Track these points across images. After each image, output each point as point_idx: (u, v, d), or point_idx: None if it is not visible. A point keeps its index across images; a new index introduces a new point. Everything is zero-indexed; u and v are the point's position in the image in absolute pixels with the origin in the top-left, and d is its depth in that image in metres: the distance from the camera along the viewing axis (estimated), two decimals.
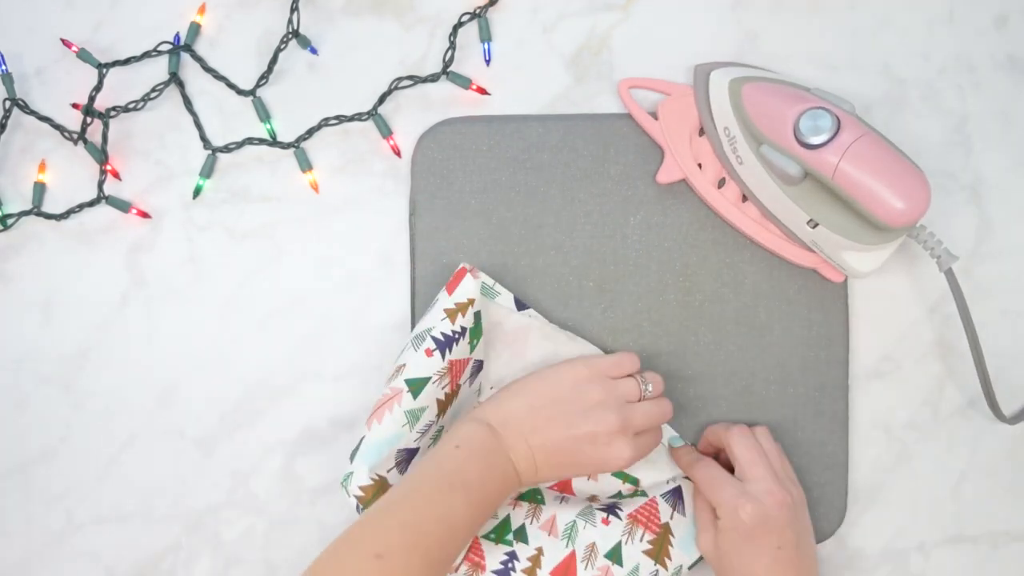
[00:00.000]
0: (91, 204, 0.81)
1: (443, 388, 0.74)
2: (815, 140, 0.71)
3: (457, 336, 0.74)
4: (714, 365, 0.80)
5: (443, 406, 0.75)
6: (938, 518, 0.81)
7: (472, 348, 0.76)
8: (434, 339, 0.74)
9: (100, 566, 0.82)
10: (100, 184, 0.81)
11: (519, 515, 0.77)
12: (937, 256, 0.74)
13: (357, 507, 0.73)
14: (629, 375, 0.75)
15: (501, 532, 0.76)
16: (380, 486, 0.72)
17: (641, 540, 0.75)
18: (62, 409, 0.82)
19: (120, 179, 0.82)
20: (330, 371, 0.81)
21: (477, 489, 0.70)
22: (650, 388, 0.75)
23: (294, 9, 0.81)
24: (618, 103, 0.81)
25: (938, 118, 0.81)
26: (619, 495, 0.79)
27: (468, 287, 0.75)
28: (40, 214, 0.81)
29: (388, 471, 0.73)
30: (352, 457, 0.73)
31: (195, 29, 0.81)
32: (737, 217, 0.79)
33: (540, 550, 0.75)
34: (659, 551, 0.76)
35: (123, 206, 0.81)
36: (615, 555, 0.75)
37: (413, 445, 0.74)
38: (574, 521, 0.76)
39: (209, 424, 0.81)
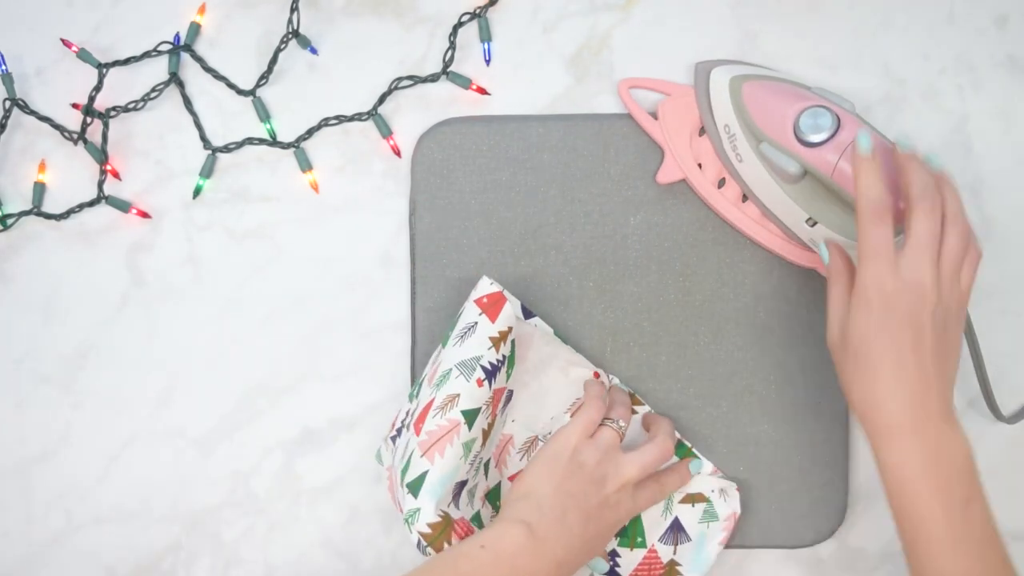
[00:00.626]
0: (91, 204, 0.81)
1: (487, 418, 0.73)
2: (815, 138, 0.71)
3: (500, 364, 0.73)
4: (714, 365, 0.80)
5: (485, 436, 0.74)
6: None
7: (508, 377, 0.75)
8: (483, 368, 0.72)
9: (100, 566, 0.82)
10: (100, 184, 0.81)
11: None
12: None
13: (419, 543, 0.70)
14: (601, 424, 0.74)
15: None
16: (446, 522, 0.70)
17: None
18: (62, 409, 0.82)
19: (120, 179, 0.82)
20: (330, 371, 0.81)
21: None
22: (621, 424, 0.74)
23: (294, 9, 0.81)
24: (618, 103, 0.81)
25: (938, 118, 0.81)
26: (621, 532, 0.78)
27: (508, 315, 0.74)
28: (40, 214, 0.81)
29: (448, 506, 0.71)
30: (415, 492, 0.70)
31: (195, 29, 0.81)
32: (737, 217, 0.79)
33: None
34: None
35: (123, 206, 0.81)
36: None
37: (464, 477, 0.73)
38: None
39: (209, 424, 0.81)
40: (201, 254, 0.82)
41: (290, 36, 0.81)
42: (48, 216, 0.81)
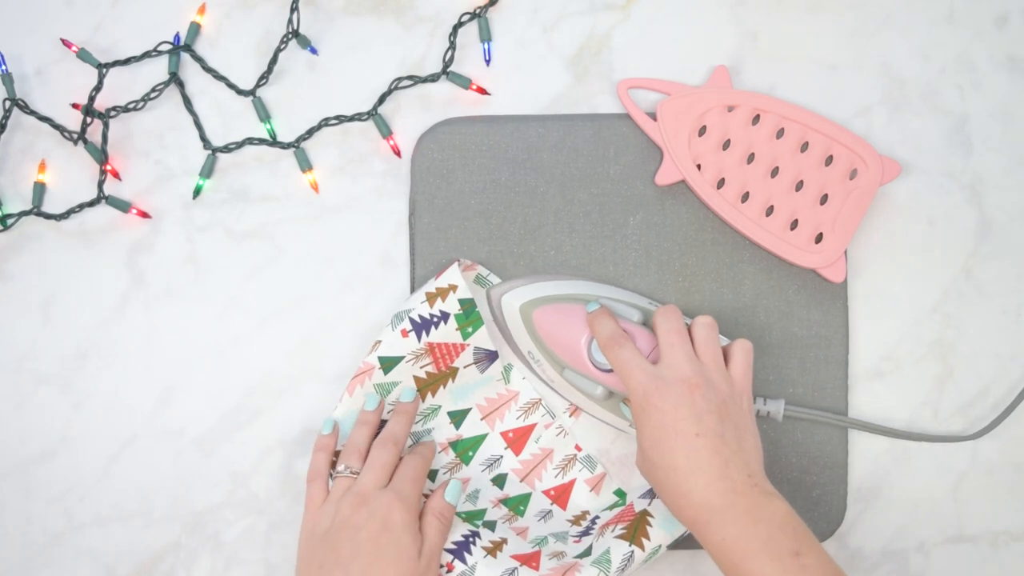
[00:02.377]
0: (91, 204, 0.81)
1: (422, 367, 0.77)
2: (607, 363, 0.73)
3: (436, 320, 0.76)
4: None
5: (429, 384, 0.78)
6: (938, 518, 0.81)
7: (465, 335, 0.77)
8: (411, 320, 0.75)
9: (100, 566, 0.82)
10: (100, 184, 0.81)
11: (496, 513, 0.77)
12: (768, 411, 0.77)
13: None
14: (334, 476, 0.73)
15: (472, 516, 0.76)
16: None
17: (612, 531, 0.75)
18: (62, 409, 0.82)
19: (120, 179, 0.82)
20: (330, 371, 0.81)
21: None
22: (353, 470, 0.73)
23: (294, 9, 0.81)
24: (618, 103, 0.81)
25: (938, 118, 0.81)
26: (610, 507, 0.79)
27: (452, 275, 0.77)
28: (40, 214, 0.81)
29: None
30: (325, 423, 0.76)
31: (195, 29, 0.81)
32: (736, 217, 0.79)
33: (504, 540, 0.75)
34: (634, 533, 0.74)
35: (123, 206, 0.81)
36: (584, 555, 0.74)
37: (386, 415, 0.77)
38: (546, 536, 0.76)
39: (209, 424, 0.81)
40: (201, 254, 0.82)
41: (290, 36, 0.81)
42: (48, 216, 0.81)
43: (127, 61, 0.81)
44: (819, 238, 0.78)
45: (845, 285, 0.80)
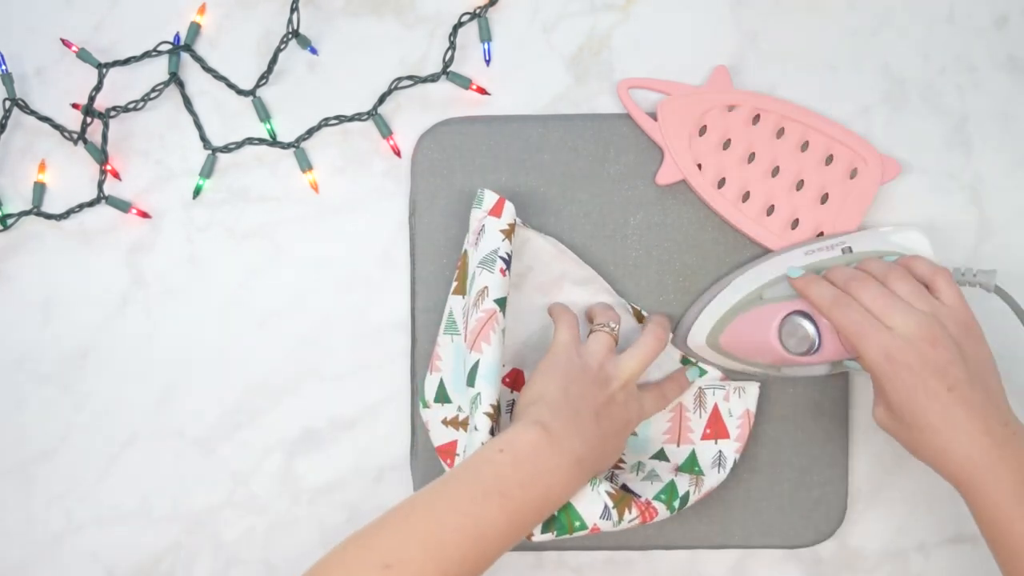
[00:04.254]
0: (91, 204, 0.81)
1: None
2: (807, 348, 0.73)
3: (510, 258, 0.75)
4: None
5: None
6: (938, 518, 0.81)
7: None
8: (502, 259, 0.74)
9: (100, 566, 0.82)
10: (100, 184, 0.81)
11: None
12: (979, 283, 0.75)
13: (492, 430, 0.70)
14: (593, 330, 0.75)
15: None
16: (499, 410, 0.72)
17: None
18: (62, 409, 0.82)
19: (120, 179, 0.82)
20: (330, 371, 0.81)
21: (518, 497, 0.65)
22: (612, 326, 0.75)
23: (294, 9, 0.81)
24: (618, 103, 0.81)
25: (938, 118, 0.81)
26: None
27: (510, 212, 0.76)
28: (40, 214, 0.81)
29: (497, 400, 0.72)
30: (472, 382, 0.71)
31: (195, 29, 0.81)
32: (737, 217, 0.79)
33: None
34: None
35: (123, 206, 0.81)
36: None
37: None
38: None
39: (209, 424, 0.81)
40: (201, 254, 0.82)
41: (290, 36, 0.81)
42: (48, 216, 0.81)
43: (127, 61, 0.81)
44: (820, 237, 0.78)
45: None
